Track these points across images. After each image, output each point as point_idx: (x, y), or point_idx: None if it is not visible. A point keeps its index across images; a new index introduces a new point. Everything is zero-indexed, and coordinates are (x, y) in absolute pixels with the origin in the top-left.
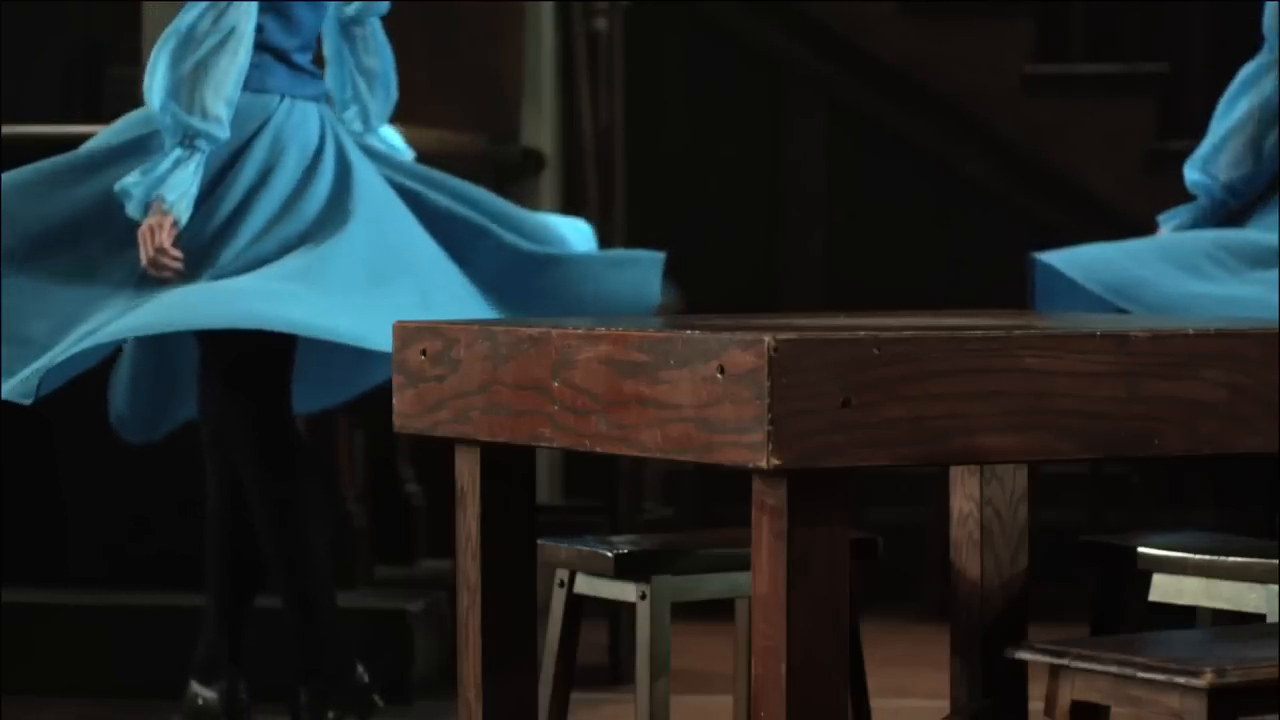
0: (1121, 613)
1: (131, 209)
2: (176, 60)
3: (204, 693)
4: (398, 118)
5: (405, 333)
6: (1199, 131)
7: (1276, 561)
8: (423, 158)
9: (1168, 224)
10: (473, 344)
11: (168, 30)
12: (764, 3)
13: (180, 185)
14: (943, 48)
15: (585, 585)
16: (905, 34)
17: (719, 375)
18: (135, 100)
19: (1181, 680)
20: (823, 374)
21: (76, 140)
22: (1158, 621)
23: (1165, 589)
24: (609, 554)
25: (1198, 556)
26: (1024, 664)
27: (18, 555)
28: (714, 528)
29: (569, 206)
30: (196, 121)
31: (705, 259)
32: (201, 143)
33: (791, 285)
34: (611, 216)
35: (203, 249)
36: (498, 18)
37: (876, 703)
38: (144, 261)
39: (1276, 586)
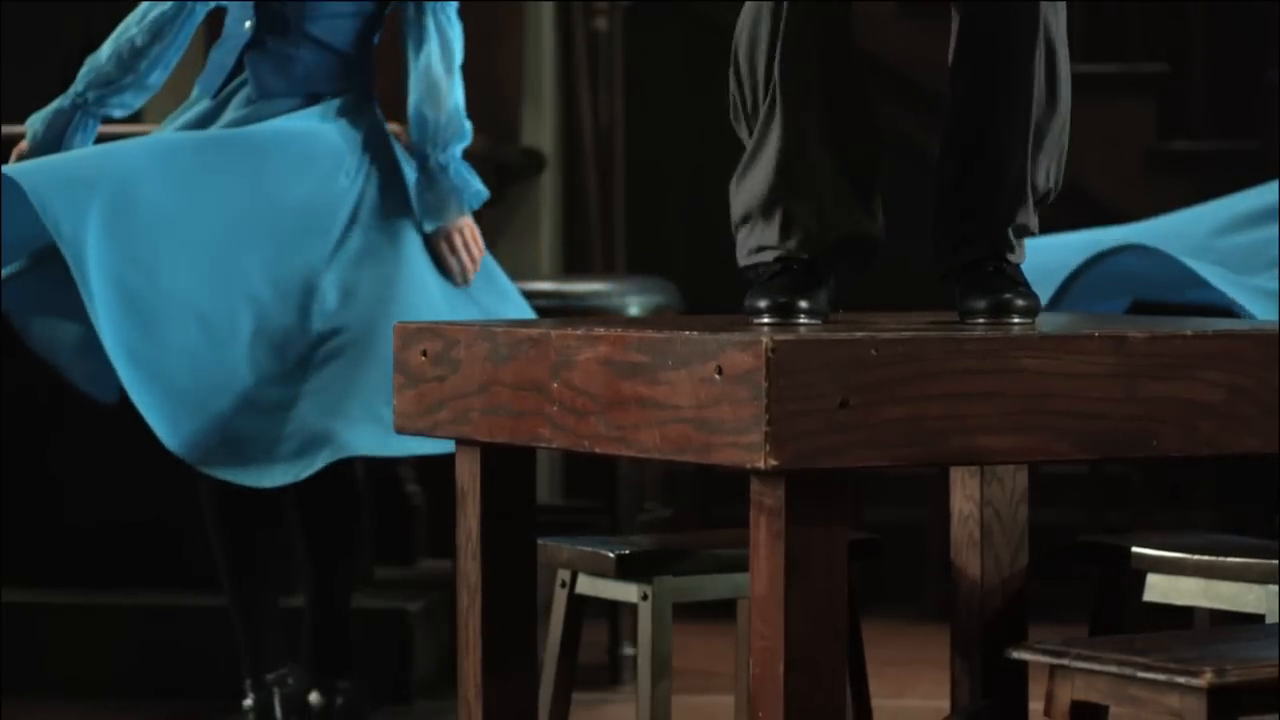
0: (1121, 613)
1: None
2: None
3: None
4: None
5: (405, 333)
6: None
7: (1276, 561)
8: None
9: None
10: (472, 344)
11: (444, 43)
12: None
13: None
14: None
15: (586, 586)
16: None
17: (717, 376)
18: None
19: (1181, 680)
20: (821, 375)
21: None
22: (1157, 621)
23: (1164, 589)
24: (610, 554)
25: (1196, 557)
26: (1024, 664)
27: (18, 555)
28: (714, 528)
29: (569, 206)
30: None
31: (705, 259)
32: None
33: None
34: (611, 216)
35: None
36: (498, 18)
37: (876, 703)
38: (466, 266)
39: (1276, 586)
